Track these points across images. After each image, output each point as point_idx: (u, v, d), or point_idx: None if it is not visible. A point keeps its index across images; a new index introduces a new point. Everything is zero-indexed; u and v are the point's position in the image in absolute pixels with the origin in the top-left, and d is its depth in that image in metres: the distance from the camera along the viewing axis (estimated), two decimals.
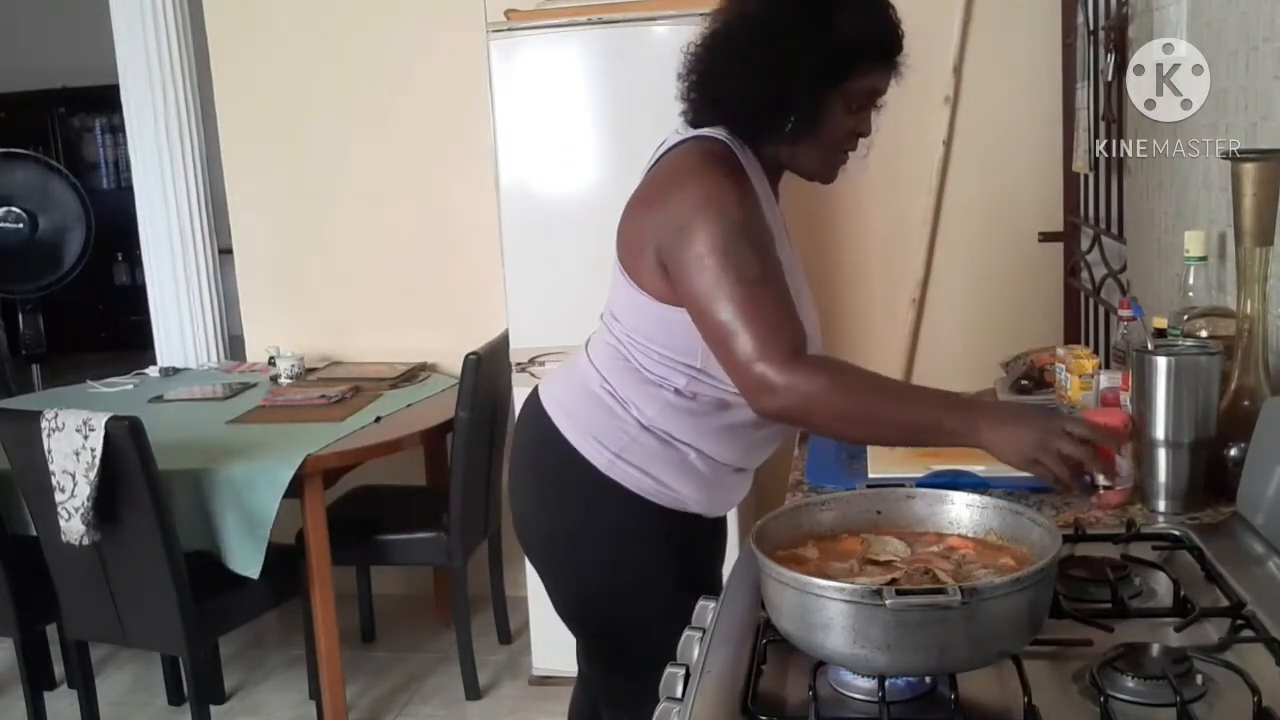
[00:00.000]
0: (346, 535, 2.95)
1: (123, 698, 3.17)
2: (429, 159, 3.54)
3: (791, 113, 1.50)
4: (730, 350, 1.44)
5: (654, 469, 1.62)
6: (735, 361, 1.44)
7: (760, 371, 1.41)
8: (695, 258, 1.46)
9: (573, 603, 1.75)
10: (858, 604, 0.93)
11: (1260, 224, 1.46)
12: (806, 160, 1.57)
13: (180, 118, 3.75)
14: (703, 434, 1.62)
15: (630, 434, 1.62)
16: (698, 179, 1.50)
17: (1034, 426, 1.35)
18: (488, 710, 3.06)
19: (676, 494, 1.63)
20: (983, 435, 1.37)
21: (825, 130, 1.53)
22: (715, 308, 1.45)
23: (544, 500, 1.73)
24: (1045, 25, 3.17)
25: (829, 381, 1.41)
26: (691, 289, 1.47)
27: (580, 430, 1.65)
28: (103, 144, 8.01)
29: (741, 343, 1.43)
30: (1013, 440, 1.35)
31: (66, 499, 2.49)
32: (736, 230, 1.46)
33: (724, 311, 1.44)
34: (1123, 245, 2.61)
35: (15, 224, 4.33)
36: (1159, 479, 1.47)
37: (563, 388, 1.71)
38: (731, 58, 1.52)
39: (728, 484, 1.69)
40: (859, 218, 3.41)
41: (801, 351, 1.44)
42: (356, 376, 3.42)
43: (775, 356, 1.41)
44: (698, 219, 1.46)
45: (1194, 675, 0.98)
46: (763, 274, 1.46)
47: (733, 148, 1.54)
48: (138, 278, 5.49)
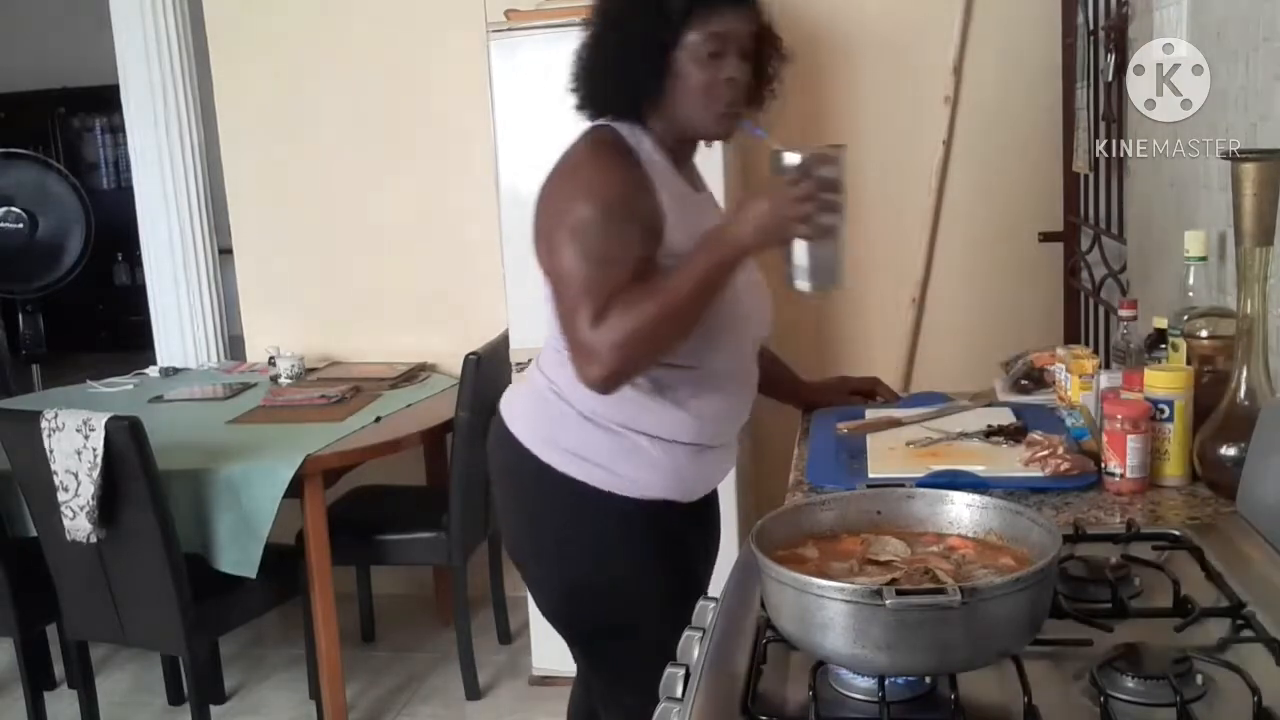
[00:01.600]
0: (346, 535, 2.95)
1: (123, 698, 3.17)
2: (429, 159, 3.54)
3: (650, 83, 1.56)
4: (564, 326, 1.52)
5: (607, 460, 1.63)
6: (567, 338, 1.52)
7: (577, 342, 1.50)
8: (555, 242, 1.54)
9: (554, 604, 1.77)
10: (858, 604, 0.93)
11: (1260, 224, 1.46)
12: (687, 123, 1.61)
13: (180, 118, 3.75)
14: (647, 417, 1.63)
15: (578, 429, 1.64)
16: (569, 168, 1.58)
17: (760, 201, 1.47)
18: (488, 710, 3.06)
19: (637, 482, 1.64)
20: (734, 241, 1.48)
21: (688, 89, 1.57)
22: (557, 283, 1.54)
23: (510, 505, 1.77)
24: (1045, 25, 3.17)
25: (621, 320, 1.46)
26: (548, 270, 1.56)
27: (534, 434, 1.68)
28: (103, 144, 8.01)
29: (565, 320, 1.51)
30: (753, 225, 1.47)
31: (70, 498, 2.49)
32: (595, 213, 1.52)
33: (563, 286, 1.52)
34: (1123, 245, 2.61)
35: (15, 224, 4.33)
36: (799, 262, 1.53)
37: (517, 396, 1.76)
38: (590, 51, 1.61)
39: (692, 465, 1.68)
40: (859, 217, 3.39)
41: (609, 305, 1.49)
42: (356, 376, 3.42)
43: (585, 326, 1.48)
44: (562, 204, 1.55)
45: (1194, 675, 0.98)
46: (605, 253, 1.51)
47: (621, 132, 1.60)
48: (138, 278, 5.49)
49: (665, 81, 1.56)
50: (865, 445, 1.81)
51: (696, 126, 1.61)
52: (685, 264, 1.50)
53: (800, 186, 1.44)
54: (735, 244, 1.48)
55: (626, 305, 1.47)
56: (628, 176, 1.56)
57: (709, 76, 1.56)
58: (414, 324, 3.61)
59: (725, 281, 1.50)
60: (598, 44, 1.60)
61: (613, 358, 1.47)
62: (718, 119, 1.60)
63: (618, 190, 1.54)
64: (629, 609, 1.68)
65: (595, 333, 1.47)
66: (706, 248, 1.49)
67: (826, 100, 3.36)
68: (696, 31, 1.54)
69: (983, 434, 1.80)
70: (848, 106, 3.34)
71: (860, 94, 3.33)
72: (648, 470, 1.64)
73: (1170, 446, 1.55)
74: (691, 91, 1.57)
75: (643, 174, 1.58)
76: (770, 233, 1.47)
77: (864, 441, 1.82)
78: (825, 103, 3.37)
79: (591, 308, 1.48)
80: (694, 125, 1.61)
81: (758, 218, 1.47)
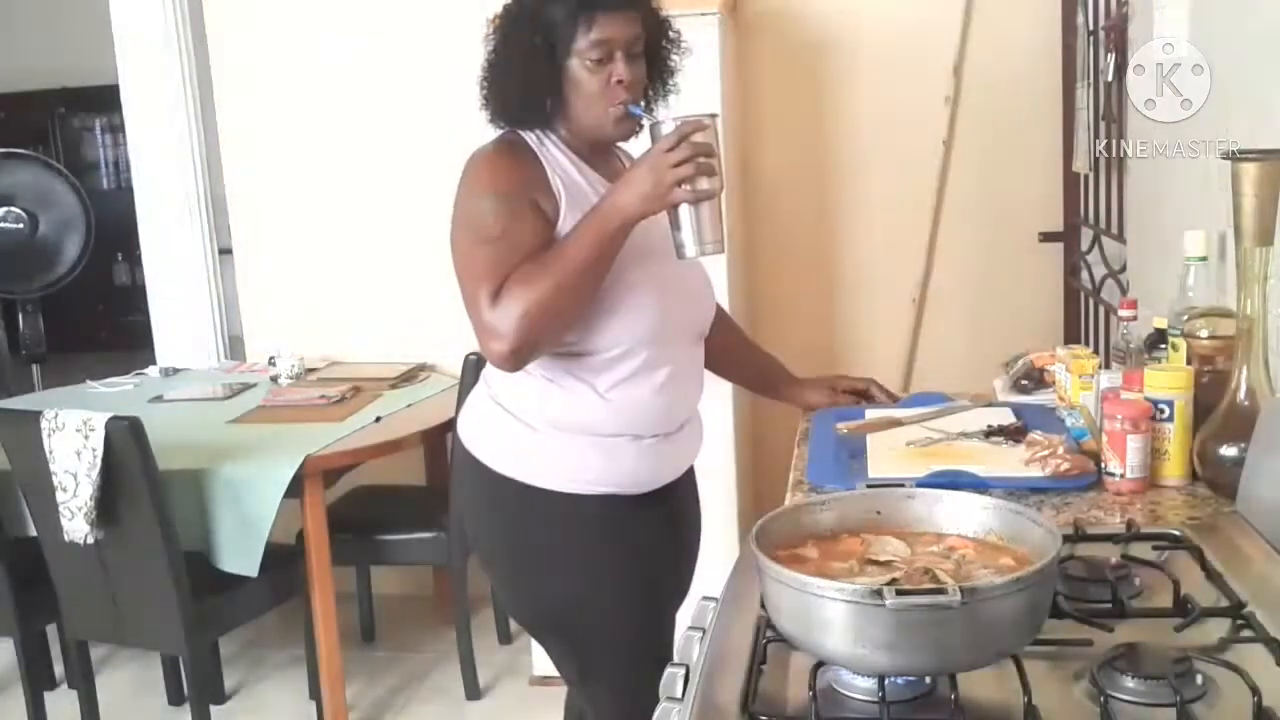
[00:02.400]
0: (346, 535, 2.95)
1: (123, 698, 3.17)
2: (429, 158, 3.53)
3: (544, 94, 1.62)
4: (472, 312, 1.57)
5: (547, 459, 1.66)
6: (475, 322, 1.57)
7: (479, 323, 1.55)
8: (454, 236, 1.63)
9: (517, 606, 1.82)
10: (858, 604, 0.93)
11: (1260, 224, 1.46)
12: (586, 127, 1.66)
13: (180, 118, 3.75)
14: (573, 412, 1.65)
15: (513, 430, 1.67)
16: (469, 170, 1.64)
17: (639, 168, 1.52)
18: (488, 710, 3.06)
19: (575, 477, 1.66)
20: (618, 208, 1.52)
21: (580, 95, 1.62)
22: (460, 274, 1.60)
23: (469, 514, 1.81)
24: (1045, 25, 3.18)
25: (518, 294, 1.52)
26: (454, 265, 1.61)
27: (479, 440, 1.72)
28: (103, 144, 8.01)
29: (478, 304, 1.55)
30: (634, 191, 1.52)
31: (69, 498, 2.49)
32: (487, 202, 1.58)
33: (464, 275, 1.59)
34: (1123, 245, 2.61)
35: (15, 224, 4.32)
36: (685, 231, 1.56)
37: (468, 409, 1.80)
38: (488, 69, 1.68)
39: (632, 456, 1.68)
40: (859, 218, 3.41)
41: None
42: (356, 376, 3.42)
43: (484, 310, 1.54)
44: (460, 203, 1.63)
45: (1194, 675, 0.98)
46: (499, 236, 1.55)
47: (525, 136, 1.66)
48: (138, 278, 5.49)
49: (560, 91, 1.62)
50: (865, 445, 1.80)
51: (596, 130, 1.66)
52: (572, 236, 1.56)
53: (676, 151, 1.49)
54: (619, 211, 1.53)
55: (522, 280, 1.53)
56: (519, 168, 1.62)
57: (599, 81, 1.61)
58: (414, 324, 3.61)
59: (613, 251, 1.55)
60: (496, 60, 1.66)
61: (513, 331, 1.52)
62: (615, 121, 1.64)
63: (508, 180, 1.61)
64: (584, 606, 1.70)
65: (495, 311, 1.53)
66: (592, 219, 1.55)
67: (827, 100, 3.37)
68: (581, 40, 1.59)
69: (983, 434, 1.80)
70: (848, 106, 3.35)
71: (860, 94, 3.33)
72: (586, 467, 1.66)
73: (1170, 446, 1.55)
74: (585, 98, 1.62)
75: (539, 167, 1.64)
76: (650, 199, 1.51)
77: (864, 441, 1.82)
78: (825, 103, 3.37)
79: (489, 287, 1.54)
80: (594, 129, 1.66)
81: (639, 183, 1.51)
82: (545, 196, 1.62)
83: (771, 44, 3.39)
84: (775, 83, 3.41)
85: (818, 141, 3.40)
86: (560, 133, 1.68)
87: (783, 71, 3.41)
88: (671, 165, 1.49)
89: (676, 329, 1.73)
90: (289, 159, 3.66)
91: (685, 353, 1.75)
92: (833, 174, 3.40)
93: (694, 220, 1.55)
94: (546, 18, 1.60)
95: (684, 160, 1.49)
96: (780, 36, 3.37)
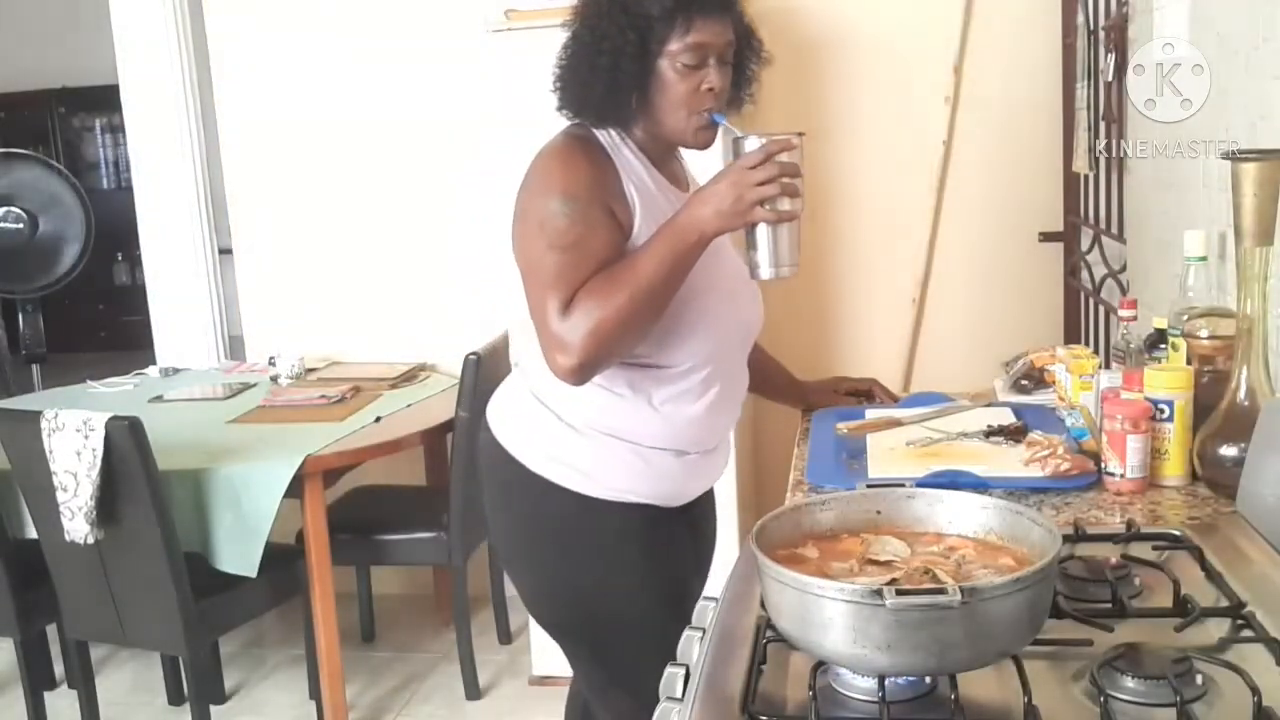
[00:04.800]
0: (346, 535, 2.95)
1: (123, 698, 3.17)
2: (429, 159, 3.54)
3: (630, 92, 1.57)
4: (539, 320, 1.52)
5: (588, 466, 1.63)
6: (541, 332, 1.52)
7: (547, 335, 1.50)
8: (521, 235, 1.57)
9: (540, 607, 1.78)
10: (858, 604, 0.93)
11: (1260, 224, 1.46)
12: (667, 131, 1.61)
13: (180, 118, 3.75)
14: (624, 423, 1.63)
15: (561, 435, 1.64)
16: (539, 165, 1.59)
17: (720, 183, 1.47)
18: (488, 710, 3.06)
19: (617, 488, 1.64)
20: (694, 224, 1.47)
21: (667, 98, 1.58)
22: (526, 278, 1.55)
23: (497, 511, 1.78)
24: (1045, 25, 3.18)
25: (590, 308, 1.47)
26: (519, 265, 1.57)
27: (517, 438, 1.69)
28: (103, 144, 8.01)
29: (545, 314, 1.50)
30: (713, 207, 1.46)
31: (69, 498, 2.49)
32: (559, 204, 1.53)
33: (530, 280, 1.54)
34: (1123, 245, 2.61)
35: (15, 224, 4.32)
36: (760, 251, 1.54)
37: (501, 400, 1.76)
38: (568, 58, 1.61)
39: (675, 471, 1.68)
40: (859, 218, 3.41)
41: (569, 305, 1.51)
42: (356, 376, 3.42)
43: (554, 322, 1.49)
44: (529, 199, 1.57)
45: (1194, 675, 0.98)
46: (572, 243, 1.51)
47: (596, 132, 1.61)
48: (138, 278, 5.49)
49: (645, 90, 1.58)
50: (865, 445, 1.80)
51: (675, 135, 1.62)
52: (647, 250, 1.51)
53: (761, 169, 1.45)
54: (695, 227, 1.48)
55: (593, 294, 1.48)
56: (595, 171, 1.57)
57: (689, 86, 1.57)
58: (414, 324, 3.61)
59: (688, 266, 1.51)
60: (579, 50, 1.60)
61: (581, 347, 1.48)
62: (697, 129, 1.60)
63: (584, 182, 1.55)
64: (614, 613, 1.68)
65: (565, 323, 1.48)
66: (668, 233, 1.50)
67: (827, 100, 3.36)
68: (676, 42, 1.55)
69: (983, 434, 1.80)
70: (848, 106, 3.34)
71: (860, 94, 3.33)
72: (627, 477, 1.64)
73: (1170, 446, 1.55)
74: (671, 101, 1.58)
75: (613, 170, 1.59)
76: (730, 216, 1.47)
77: (864, 441, 1.82)
78: (826, 103, 3.37)
79: (559, 298, 1.49)
80: (674, 134, 1.62)
81: (720, 199, 1.47)
82: (619, 202, 1.57)
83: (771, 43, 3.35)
84: (775, 82, 3.39)
85: (817, 141, 3.40)
86: (635, 133, 1.63)
87: (782, 71, 3.40)
88: (755, 183, 1.44)
89: (734, 346, 1.72)
90: (289, 159, 3.66)
91: (737, 369, 1.75)
92: (833, 174, 3.40)
93: (772, 241, 1.52)
94: (642, 12, 1.54)
95: (768, 179, 1.44)
96: (780, 36, 3.36)
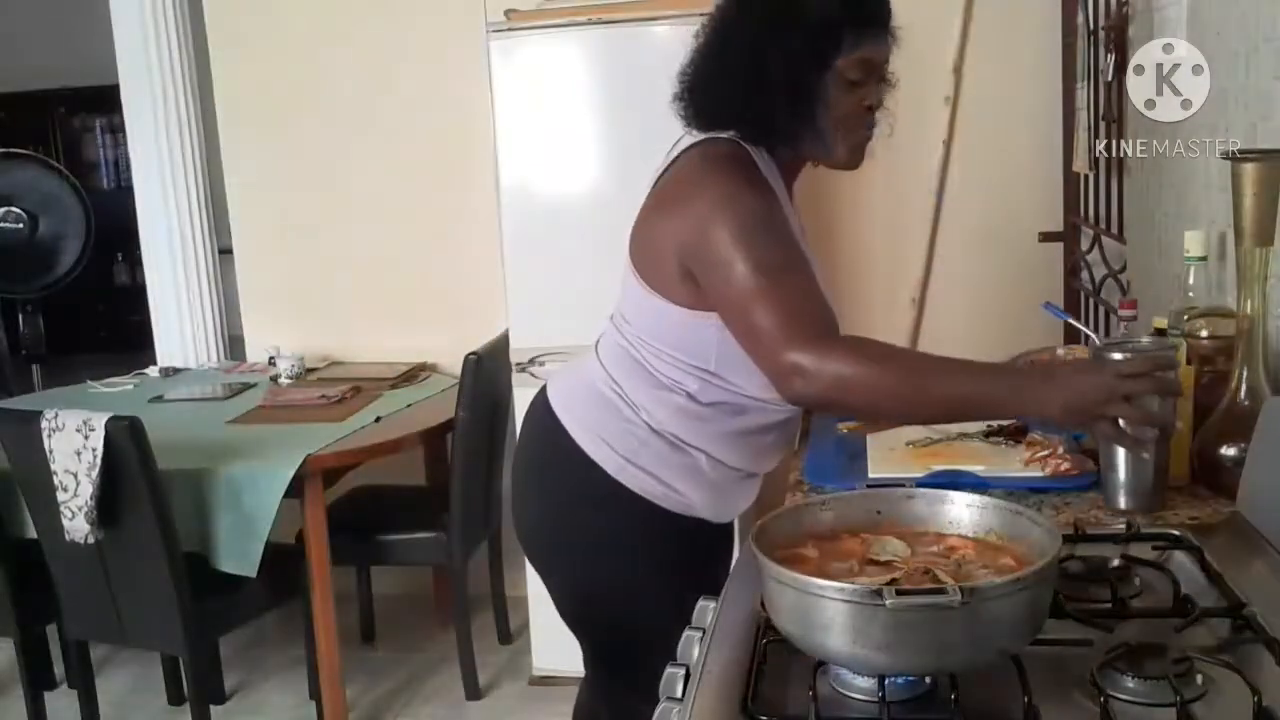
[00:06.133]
0: (346, 535, 2.95)
1: (123, 698, 3.17)
2: (429, 159, 3.54)
3: (788, 108, 1.49)
4: (758, 340, 1.43)
5: (662, 473, 1.62)
6: (764, 351, 1.43)
7: (790, 358, 1.38)
8: (720, 256, 1.45)
9: (575, 604, 1.75)
10: (858, 604, 0.93)
11: (1260, 224, 1.46)
12: (822, 148, 1.54)
13: (180, 118, 3.74)
14: (713, 439, 1.62)
15: (640, 437, 1.61)
16: (714, 179, 1.50)
17: (1089, 377, 1.29)
18: (488, 710, 3.06)
19: (684, 499, 1.63)
20: (1034, 399, 1.31)
21: (830, 114, 1.50)
22: (743, 301, 1.44)
23: (547, 500, 1.73)
24: (1045, 25, 3.17)
25: (861, 361, 1.38)
26: (718, 286, 1.47)
27: (588, 431, 1.64)
28: (103, 144, 8.00)
29: (769, 331, 1.41)
30: (1071, 397, 1.28)
31: (69, 498, 2.49)
32: (757, 223, 1.46)
33: (751, 302, 1.43)
34: (1123, 245, 2.61)
35: (15, 224, 4.32)
36: (1119, 476, 1.48)
37: (571, 388, 1.71)
38: (717, 66, 1.53)
39: (735, 489, 1.69)
40: (859, 218, 3.41)
41: (831, 334, 1.43)
42: (356, 376, 3.42)
43: (803, 341, 1.39)
44: (718, 216, 1.46)
45: (1194, 675, 0.98)
46: (786, 262, 1.45)
47: (746, 147, 1.54)
48: (138, 278, 5.47)
49: (809, 106, 1.49)
50: (865, 445, 1.81)
51: (828, 153, 1.55)
52: (964, 371, 1.37)
53: (1139, 381, 1.27)
54: (1033, 401, 1.32)
55: (877, 351, 1.41)
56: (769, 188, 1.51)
57: (851, 103, 1.50)
58: (414, 324, 3.61)
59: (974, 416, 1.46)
60: (731, 67, 1.51)
61: (828, 387, 1.37)
62: (852, 148, 1.54)
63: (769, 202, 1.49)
64: (648, 619, 1.63)
65: (815, 354, 1.38)
66: (1003, 384, 1.35)
67: None
68: (845, 57, 1.47)
69: (983, 434, 1.80)
70: None
71: None
72: (696, 489, 1.63)
73: (1170, 446, 1.55)
74: (834, 118, 1.51)
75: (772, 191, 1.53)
76: (1080, 414, 1.29)
77: (864, 441, 1.82)
78: None
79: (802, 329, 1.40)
80: (826, 152, 1.54)
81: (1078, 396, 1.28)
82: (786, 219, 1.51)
83: None
84: None
85: None
86: (782, 151, 1.56)
87: None
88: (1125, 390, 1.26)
89: None
90: (289, 159, 3.65)
91: None
92: (832, 174, 3.38)
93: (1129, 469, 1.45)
94: (816, 20, 1.46)
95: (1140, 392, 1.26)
96: None
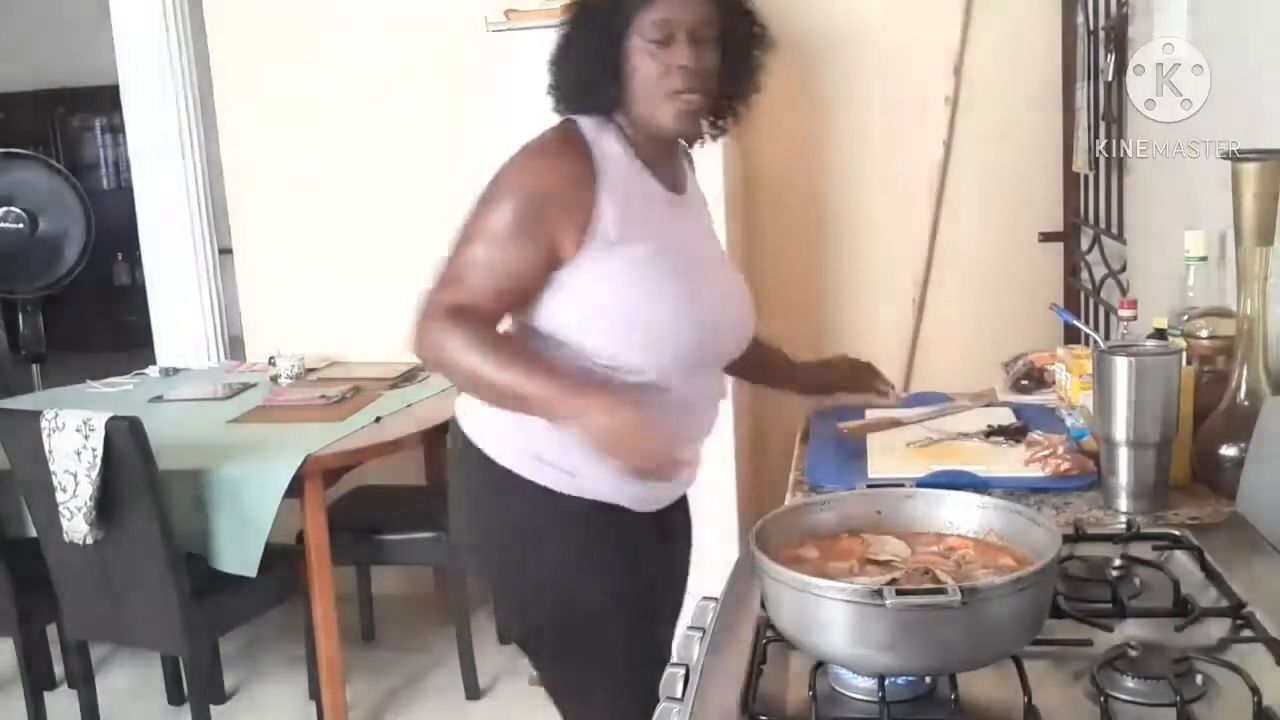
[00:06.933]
0: (346, 535, 2.95)
1: (123, 698, 3.17)
2: (429, 159, 3.54)
3: (605, 78, 1.53)
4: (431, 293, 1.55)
5: (563, 460, 1.57)
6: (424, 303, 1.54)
7: (419, 317, 1.53)
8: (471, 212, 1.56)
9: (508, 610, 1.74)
10: (858, 604, 0.93)
11: (1260, 224, 1.46)
12: (645, 117, 1.55)
13: (180, 118, 3.75)
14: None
15: (531, 428, 1.55)
16: (510, 160, 1.56)
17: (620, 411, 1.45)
18: (488, 710, 3.06)
19: (589, 483, 1.58)
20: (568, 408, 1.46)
21: (639, 81, 1.52)
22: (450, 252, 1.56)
23: (458, 506, 1.75)
24: (1045, 25, 3.18)
25: (455, 342, 1.49)
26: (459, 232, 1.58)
27: (485, 429, 1.65)
28: (103, 144, 8.00)
29: (430, 287, 1.54)
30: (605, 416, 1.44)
31: (69, 499, 2.49)
32: (502, 193, 1.53)
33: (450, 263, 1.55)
34: (1123, 245, 2.61)
35: (15, 224, 4.33)
36: (1121, 478, 1.47)
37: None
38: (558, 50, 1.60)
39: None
40: (859, 217, 3.41)
41: (464, 312, 1.51)
42: (356, 376, 3.42)
43: (434, 306, 1.52)
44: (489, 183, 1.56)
45: (1194, 675, 0.98)
46: (488, 236, 1.52)
47: (583, 127, 1.57)
48: (138, 278, 5.48)
49: (618, 74, 1.52)
50: (865, 445, 1.81)
51: (653, 120, 1.54)
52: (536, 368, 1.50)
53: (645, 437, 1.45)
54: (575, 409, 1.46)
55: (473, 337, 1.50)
56: (557, 175, 1.53)
57: (659, 66, 1.50)
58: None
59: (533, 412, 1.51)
60: (562, 41, 1.59)
61: (426, 355, 1.54)
62: (676, 114, 1.53)
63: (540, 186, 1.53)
64: (580, 615, 1.63)
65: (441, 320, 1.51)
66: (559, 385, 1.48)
67: (827, 100, 3.36)
68: (642, 19, 1.49)
69: (983, 434, 1.80)
70: (848, 107, 3.34)
71: (860, 94, 3.33)
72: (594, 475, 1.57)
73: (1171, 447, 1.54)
74: (642, 83, 1.52)
75: (588, 169, 1.53)
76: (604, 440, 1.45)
77: (864, 441, 1.82)
78: (826, 103, 3.37)
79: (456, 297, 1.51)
80: (651, 119, 1.54)
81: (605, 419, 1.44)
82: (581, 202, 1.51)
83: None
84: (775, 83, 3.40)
85: (818, 141, 3.40)
86: (625, 128, 1.57)
87: (783, 71, 3.40)
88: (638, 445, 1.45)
89: (710, 358, 1.65)
90: (289, 159, 3.65)
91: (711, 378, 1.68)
92: (833, 174, 3.40)
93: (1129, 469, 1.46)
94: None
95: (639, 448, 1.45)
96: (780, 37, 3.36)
